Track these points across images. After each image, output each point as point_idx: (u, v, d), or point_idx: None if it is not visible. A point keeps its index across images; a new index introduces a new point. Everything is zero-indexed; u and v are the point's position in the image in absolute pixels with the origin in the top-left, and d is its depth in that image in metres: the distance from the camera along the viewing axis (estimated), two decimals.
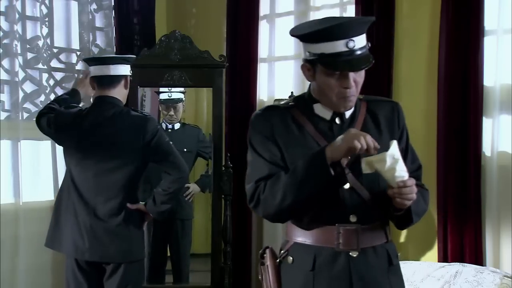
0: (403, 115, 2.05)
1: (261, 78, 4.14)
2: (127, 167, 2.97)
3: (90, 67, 3.15)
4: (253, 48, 4.10)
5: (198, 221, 4.23)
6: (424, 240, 3.47)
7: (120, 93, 3.09)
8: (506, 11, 3.21)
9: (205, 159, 4.13)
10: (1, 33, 3.55)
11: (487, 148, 3.27)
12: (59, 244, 3.03)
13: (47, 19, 3.80)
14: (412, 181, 1.82)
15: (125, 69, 3.09)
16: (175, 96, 4.07)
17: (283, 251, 2.03)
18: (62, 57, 3.88)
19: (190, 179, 3.83)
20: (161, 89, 4.06)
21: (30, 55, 3.70)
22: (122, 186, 2.97)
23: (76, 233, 2.97)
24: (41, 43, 3.75)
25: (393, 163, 1.79)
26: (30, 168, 3.68)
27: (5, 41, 3.56)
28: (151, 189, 3.21)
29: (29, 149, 3.69)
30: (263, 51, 4.14)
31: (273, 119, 1.98)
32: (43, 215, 3.39)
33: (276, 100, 3.83)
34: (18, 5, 3.63)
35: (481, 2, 3.26)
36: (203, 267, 3.98)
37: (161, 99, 4.12)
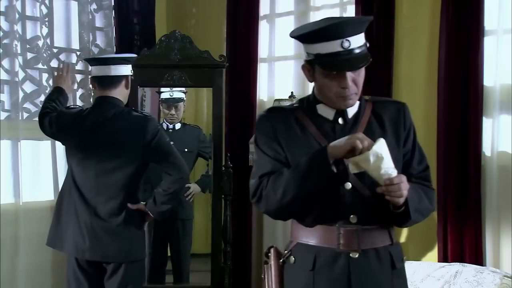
0: (409, 116, 2.05)
1: (261, 78, 4.13)
2: (128, 167, 2.97)
3: (90, 67, 3.16)
4: (253, 48, 4.10)
5: (198, 221, 4.23)
6: (424, 240, 3.47)
7: (121, 93, 3.09)
8: (506, 11, 3.21)
9: (206, 159, 4.12)
10: (1, 33, 3.54)
11: (487, 148, 3.27)
12: (61, 243, 3.03)
13: (47, 19, 3.80)
14: (399, 178, 1.81)
15: (126, 69, 3.10)
16: (176, 95, 4.06)
17: (286, 251, 2.04)
18: (62, 57, 3.87)
19: (190, 179, 3.84)
20: (163, 89, 4.05)
21: (30, 55, 3.70)
22: (122, 186, 2.97)
23: (77, 233, 2.97)
24: (41, 43, 3.75)
25: (377, 161, 1.78)
26: (30, 168, 3.68)
27: (5, 41, 3.56)
28: (152, 189, 3.21)
29: (29, 149, 3.69)
30: (263, 51, 4.13)
31: (276, 120, 2.00)
32: (43, 215, 3.39)
33: (276, 100, 3.83)
34: (18, 5, 3.63)
35: (481, 2, 3.26)
36: (203, 267, 3.98)
37: (162, 98, 4.11)
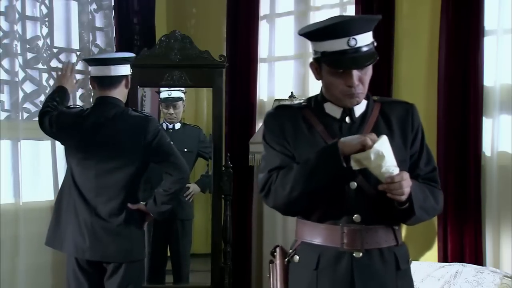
0: (418, 117, 2.06)
1: (261, 78, 4.13)
2: (128, 167, 2.97)
3: (90, 68, 3.15)
4: (253, 48, 4.10)
5: (198, 221, 4.23)
6: (424, 240, 3.46)
7: (121, 93, 3.09)
8: (506, 11, 3.20)
9: (206, 159, 4.12)
10: (1, 33, 3.54)
11: (487, 148, 3.27)
12: (60, 243, 3.03)
13: (47, 19, 3.80)
14: (400, 176, 1.81)
15: (125, 69, 3.10)
16: (175, 94, 4.06)
17: (291, 250, 2.05)
18: (62, 57, 3.87)
19: (190, 179, 3.83)
20: (162, 88, 4.05)
21: (30, 55, 3.70)
22: (123, 186, 2.97)
23: (76, 232, 2.97)
24: (41, 43, 3.74)
25: (378, 159, 1.78)
26: (30, 168, 3.68)
27: (5, 41, 3.55)
28: (152, 189, 3.21)
29: (29, 149, 3.69)
30: (263, 51, 4.13)
31: (284, 118, 2.01)
32: (43, 215, 3.39)
33: (276, 100, 3.83)
34: (18, 5, 3.62)
35: (481, 2, 3.25)
36: (203, 267, 3.98)
37: (161, 98, 4.11)
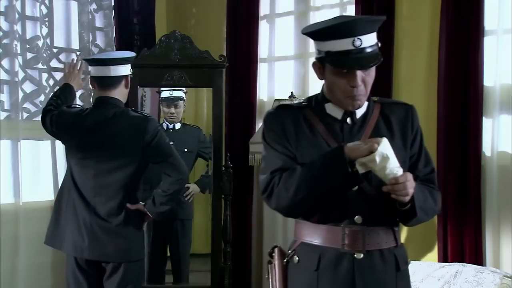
0: (417, 118, 2.06)
1: (261, 78, 4.13)
2: (127, 167, 2.97)
3: (90, 68, 3.15)
4: (253, 48, 4.10)
5: (198, 221, 4.23)
6: (424, 240, 3.46)
7: (120, 93, 3.09)
8: (506, 11, 3.20)
9: (205, 159, 4.12)
10: (1, 33, 3.54)
11: (487, 148, 3.26)
12: (59, 242, 3.03)
13: (47, 19, 3.80)
14: (404, 177, 1.81)
15: (125, 69, 3.09)
16: (176, 94, 4.07)
17: (290, 251, 2.04)
18: (62, 57, 3.87)
19: (190, 179, 3.83)
20: (163, 88, 4.05)
21: (29, 55, 3.70)
22: (121, 186, 2.97)
23: (75, 232, 2.97)
24: (41, 43, 3.75)
25: (383, 161, 1.79)
26: (30, 168, 3.68)
27: (5, 41, 3.56)
28: (151, 189, 3.21)
29: (29, 149, 3.69)
30: (263, 51, 4.13)
31: (285, 118, 2.00)
32: (43, 215, 3.39)
33: (276, 100, 3.83)
34: (18, 5, 3.63)
35: (481, 2, 3.25)
36: (203, 267, 3.98)
37: (162, 97, 4.11)
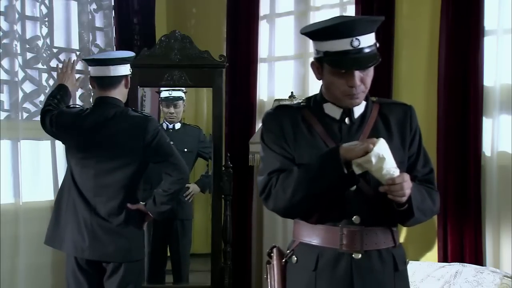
0: (416, 118, 2.06)
1: (261, 78, 4.13)
2: (128, 167, 2.97)
3: (90, 68, 3.15)
4: (253, 48, 4.10)
5: (198, 221, 4.23)
6: (424, 240, 3.46)
7: (120, 93, 3.09)
8: (506, 11, 3.20)
9: (205, 159, 4.12)
10: (1, 33, 3.54)
11: (487, 148, 3.27)
12: (60, 242, 3.03)
13: (46, 19, 3.80)
14: (401, 178, 1.81)
15: (125, 69, 3.09)
16: (176, 94, 4.07)
17: (289, 251, 2.04)
18: (62, 57, 3.86)
19: (190, 179, 3.83)
20: (162, 88, 4.05)
21: (29, 55, 3.70)
22: (122, 186, 2.97)
23: (76, 232, 2.97)
24: (40, 43, 3.75)
25: (379, 162, 1.78)
26: (30, 168, 3.68)
27: (4, 41, 3.56)
28: (152, 189, 3.21)
29: (29, 149, 3.69)
30: (263, 51, 4.13)
31: (284, 118, 2.00)
32: (43, 215, 3.39)
33: (276, 100, 3.83)
34: (17, 5, 3.63)
35: (481, 2, 3.25)
36: (203, 267, 3.98)
37: (162, 97, 4.11)
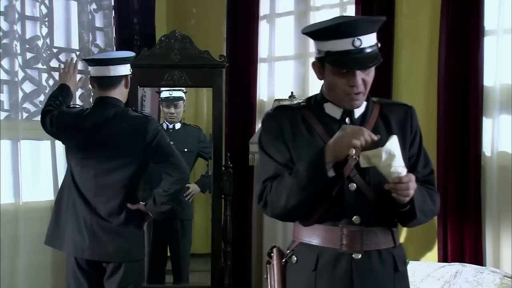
0: (416, 119, 2.06)
1: (261, 78, 4.13)
2: (128, 167, 2.97)
3: (90, 68, 3.15)
4: (253, 48, 4.10)
5: (198, 221, 4.23)
6: (424, 240, 3.46)
7: (120, 93, 3.09)
8: (506, 11, 3.20)
9: (206, 159, 4.12)
10: (1, 33, 3.54)
11: (487, 148, 3.27)
12: (60, 242, 3.03)
13: (46, 19, 3.80)
14: (408, 177, 1.81)
15: (125, 69, 3.09)
16: (176, 94, 4.07)
17: (288, 251, 2.04)
18: (61, 57, 3.87)
19: (190, 179, 3.83)
20: (163, 88, 4.05)
21: (29, 55, 3.70)
22: (122, 186, 2.97)
23: (76, 232, 2.97)
24: (40, 43, 3.75)
25: (389, 159, 1.78)
26: (30, 168, 3.68)
27: (4, 41, 3.55)
28: (152, 189, 3.21)
29: (29, 149, 3.69)
30: (263, 51, 4.13)
31: (283, 118, 1.99)
32: (43, 215, 3.39)
33: (276, 100, 3.83)
34: (17, 5, 3.62)
35: (481, 2, 3.25)
36: (203, 267, 3.98)
37: (162, 97, 4.11)
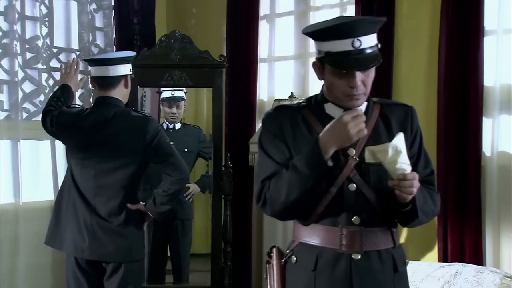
0: (417, 119, 2.06)
1: (261, 78, 4.13)
2: (128, 167, 2.97)
3: (90, 68, 3.16)
4: (253, 48, 4.10)
5: (198, 221, 4.23)
6: (424, 240, 3.46)
7: (120, 93, 3.09)
8: (506, 11, 3.20)
9: (206, 159, 4.12)
10: (1, 33, 3.54)
11: (487, 148, 3.27)
12: (60, 242, 3.03)
13: (46, 19, 3.80)
14: (413, 175, 1.82)
15: (125, 69, 3.09)
16: (178, 94, 4.06)
17: (288, 251, 2.04)
18: (61, 57, 3.87)
19: (190, 179, 3.83)
20: (164, 88, 4.05)
21: (29, 55, 3.70)
22: (122, 186, 2.97)
23: (76, 232, 2.97)
24: (40, 43, 3.75)
25: (395, 155, 1.78)
26: (30, 168, 3.68)
27: (4, 41, 3.56)
28: (152, 189, 3.21)
29: (29, 149, 3.69)
30: (263, 51, 4.13)
31: (283, 118, 1.99)
32: (43, 215, 3.39)
33: (276, 100, 3.83)
34: (17, 5, 3.63)
35: (481, 2, 3.25)
36: (203, 267, 3.98)
37: (163, 97, 4.11)
